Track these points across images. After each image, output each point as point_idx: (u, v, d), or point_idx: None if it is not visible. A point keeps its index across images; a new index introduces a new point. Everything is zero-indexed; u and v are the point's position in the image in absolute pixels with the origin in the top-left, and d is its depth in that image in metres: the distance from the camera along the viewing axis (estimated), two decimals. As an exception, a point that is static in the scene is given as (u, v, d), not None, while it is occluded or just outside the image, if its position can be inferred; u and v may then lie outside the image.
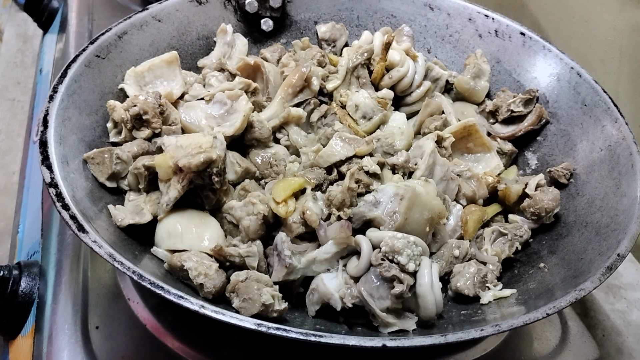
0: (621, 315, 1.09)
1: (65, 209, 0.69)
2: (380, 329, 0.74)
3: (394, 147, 0.92)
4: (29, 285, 0.88)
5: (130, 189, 0.84)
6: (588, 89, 0.97)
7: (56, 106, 0.80)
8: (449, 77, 1.10)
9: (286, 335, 0.61)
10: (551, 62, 1.03)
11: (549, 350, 0.89)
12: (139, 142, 0.85)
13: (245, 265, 0.76)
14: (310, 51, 1.07)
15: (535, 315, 0.67)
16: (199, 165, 0.75)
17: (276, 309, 0.71)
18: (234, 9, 1.13)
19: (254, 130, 0.89)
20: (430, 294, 0.72)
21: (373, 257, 0.73)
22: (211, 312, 0.62)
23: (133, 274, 0.64)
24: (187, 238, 0.77)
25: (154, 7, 1.01)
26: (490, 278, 0.82)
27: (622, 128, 0.90)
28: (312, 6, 1.18)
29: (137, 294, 0.83)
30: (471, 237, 0.87)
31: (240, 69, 1.00)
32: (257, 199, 0.79)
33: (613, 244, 0.77)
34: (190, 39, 1.07)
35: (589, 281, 0.71)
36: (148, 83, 0.95)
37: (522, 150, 1.05)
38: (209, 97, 0.92)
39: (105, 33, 0.93)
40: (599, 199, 0.87)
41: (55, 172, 0.73)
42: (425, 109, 1.00)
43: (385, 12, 1.18)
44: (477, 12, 1.12)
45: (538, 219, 0.90)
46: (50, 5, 1.52)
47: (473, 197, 0.91)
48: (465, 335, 0.65)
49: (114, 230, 0.75)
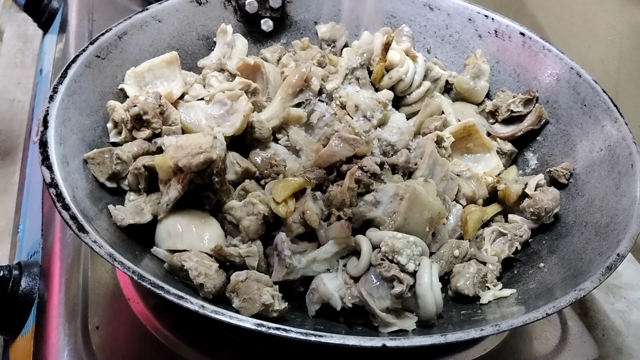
0: (621, 315, 1.09)
1: (65, 209, 0.69)
2: (380, 328, 0.74)
3: (394, 147, 0.92)
4: (29, 285, 0.88)
5: (130, 189, 0.84)
6: (588, 89, 0.97)
7: (56, 106, 0.80)
8: (448, 77, 1.10)
9: (286, 335, 0.61)
10: (551, 62, 1.03)
11: (549, 350, 0.89)
12: (139, 142, 0.85)
13: (245, 265, 0.76)
14: (310, 51, 1.07)
15: (535, 315, 0.67)
16: (199, 166, 0.75)
17: (276, 309, 0.71)
18: (234, 9, 1.13)
19: (254, 131, 0.89)
20: (430, 294, 0.73)
21: (373, 257, 0.73)
22: (211, 312, 0.62)
23: (133, 274, 0.64)
24: (187, 238, 0.77)
25: (154, 7, 1.01)
26: (490, 278, 0.82)
27: (622, 128, 0.90)
28: (312, 6, 1.18)
29: (137, 294, 0.83)
30: (471, 237, 0.87)
31: (240, 69, 1.00)
32: (257, 199, 0.79)
33: (613, 243, 0.77)
34: (190, 39, 1.07)
35: (588, 281, 0.71)
36: (148, 83, 0.95)
37: (522, 150, 1.05)
38: (209, 97, 0.92)
39: (105, 33, 0.93)
40: (599, 199, 0.87)
41: (55, 172, 0.73)
42: (425, 109, 1.00)
43: (385, 12, 1.18)
44: (477, 12, 1.12)
45: (538, 219, 0.90)
46: (50, 5, 1.52)
47: (473, 197, 0.91)
48: (465, 335, 0.65)
49: (114, 230, 0.75)
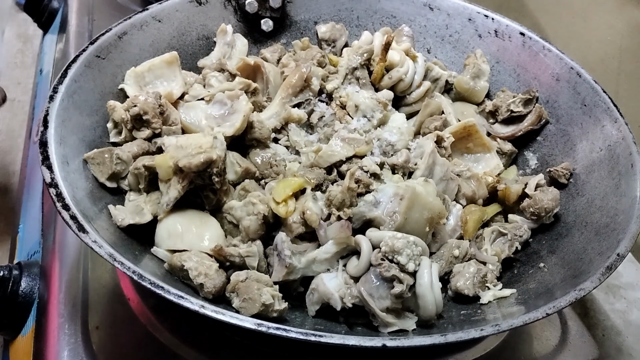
0: (621, 315, 1.09)
1: (65, 209, 0.69)
2: (380, 328, 0.74)
3: (394, 147, 0.92)
4: (29, 285, 0.88)
5: (130, 189, 0.84)
6: (588, 89, 0.97)
7: (56, 106, 0.80)
8: (448, 77, 1.10)
9: (286, 335, 0.61)
10: (551, 62, 1.03)
11: (549, 350, 0.89)
12: (139, 142, 0.85)
13: (245, 265, 0.76)
14: (310, 51, 1.07)
15: (535, 315, 0.67)
16: (199, 166, 0.75)
17: (276, 308, 0.71)
18: (234, 9, 1.13)
19: (254, 131, 0.89)
20: (430, 293, 0.73)
21: (373, 257, 0.73)
22: (211, 312, 0.62)
23: (133, 274, 0.64)
24: (187, 238, 0.77)
25: (154, 7, 1.01)
26: (490, 278, 0.82)
27: (622, 128, 0.90)
28: (312, 6, 1.18)
29: (137, 294, 0.83)
30: (471, 237, 0.87)
31: (240, 69, 1.00)
32: (257, 199, 0.79)
33: (613, 243, 0.77)
34: (190, 39, 1.07)
35: (588, 281, 0.71)
36: (148, 83, 0.95)
37: (522, 150, 1.05)
38: (209, 97, 0.92)
39: (105, 33, 0.93)
40: (599, 198, 0.87)
41: (55, 172, 0.73)
42: (425, 109, 1.00)
43: (385, 12, 1.18)
44: (477, 12, 1.12)
45: (538, 219, 0.90)
46: (50, 5, 1.52)
47: (473, 197, 0.91)
48: (465, 335, 0.65)
49: (114, 230, 0.75)
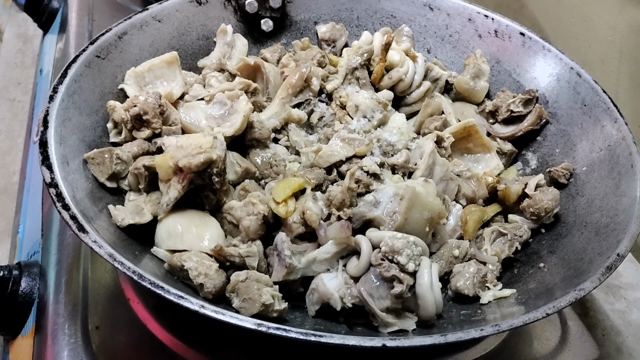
0: (621, 315, 1.09)
1: (65, 209, 0.69)
2: (380, 329, 0.74)
3: (394, 147, 0.92)
4: (29, 285, 0.88)
5: (130, 189, 0.84)
6: (588, 89, 0.97)
7: (56, 106, 0.80)
8: (448, 77, 1.10)
9: (286, 335, 0.61)
10: (551, 62, 1.03)
11: (549, 350, 0.89)
12: (139, 143, 0.85)
13: (245, 265, 0.76)
14: (310, 51, 1.07)
15: (535, 315, 0.67)
16: (199, 166, 0.75)
17: (276, 308, 0.71)
18: (234, 9, 1.13)
19: (254, 131, 0.89)
20: (430, 294, 0.73)
21: (373, 257, 0.73)
22: (211, 312, 0.62)
23: (133, 274, 0.64)
24: (187, 238, 0.77)
25: (154, 7, 1.01)
26: (490, 278, 0.82)
27: (622, 128, 0.90)
28: (312, 6, 1.18)
29: (137, 294, 0.83)
30: (471, 237, 0.87)
31: (240, 69, 1.00)
32: (257, 199, 0.79)
33: (613, 243, 0.77)
34: (190, 39, 1.07)
35: (588, 281, 0.71)
36: (148, 83, 0.95)
37: (522, 150, 1.05)
38: (209, 97, 0.92)
39: (105, 33, 0.93)
40: (599, 198, 0.87)
41: (55, 172, 0.73)
42: (425, 109, 1.00)
43: (385, 12, 1.18)
44: (477, 12, 1.12)
45: (538, 219, 0.90)
46: (50, 5, 1.52)
47: (473, 197, 0.91)
48: (465, 335, 0.65)
49: (114, 230, 0.75)
